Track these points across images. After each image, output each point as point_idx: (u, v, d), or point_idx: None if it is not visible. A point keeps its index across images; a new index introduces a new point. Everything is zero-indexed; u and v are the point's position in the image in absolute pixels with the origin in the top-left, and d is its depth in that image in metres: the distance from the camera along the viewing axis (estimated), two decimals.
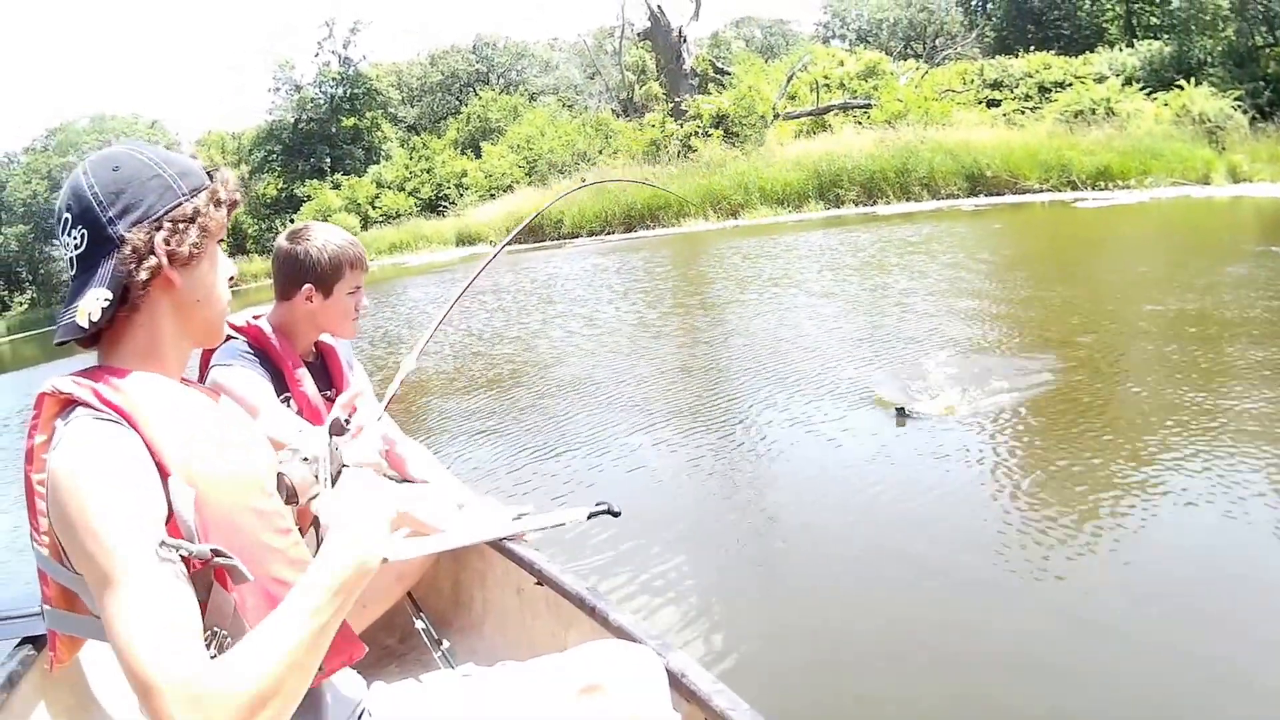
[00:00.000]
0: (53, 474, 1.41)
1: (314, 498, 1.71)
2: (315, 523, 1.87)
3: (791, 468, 5.88)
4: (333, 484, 1.75)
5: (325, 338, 3.17)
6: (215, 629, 1.46)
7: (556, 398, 8.71)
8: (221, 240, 1.69)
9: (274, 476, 1.68)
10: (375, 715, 1.86)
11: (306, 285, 2.95)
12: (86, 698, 2.88)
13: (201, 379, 2.68)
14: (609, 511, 2.46)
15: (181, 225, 1.55)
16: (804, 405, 7.17)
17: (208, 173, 1.65)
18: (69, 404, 1.51)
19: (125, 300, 1.52)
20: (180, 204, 1.57)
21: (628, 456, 6.57)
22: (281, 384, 2.93)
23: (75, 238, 1.53)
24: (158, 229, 1.53)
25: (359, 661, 1.71)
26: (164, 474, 1.44)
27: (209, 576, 1.46)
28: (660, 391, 8.32)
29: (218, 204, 1.63)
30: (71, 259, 1.56)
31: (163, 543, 1.36)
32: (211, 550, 1.40)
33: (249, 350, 2.90)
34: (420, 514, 2.40)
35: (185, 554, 1.38)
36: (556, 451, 7.08)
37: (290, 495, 1.67)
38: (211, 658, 1.34)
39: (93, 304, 1.48)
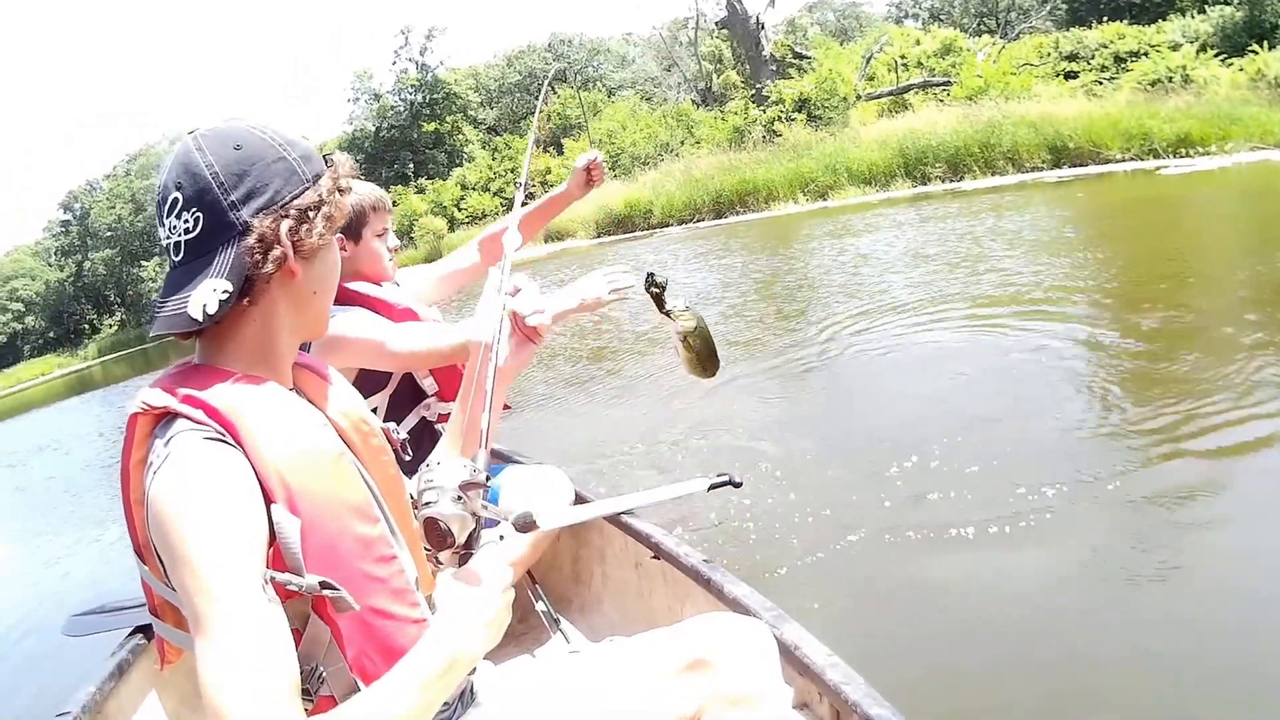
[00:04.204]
0: (153, 501, 1.34)
1: (471, 534, 1.59)
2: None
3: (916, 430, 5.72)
4: (474, 532, 1.60)
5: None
6: (312, 664, 1.43)
7: (650, 375, 8.99)
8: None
9: (371, 499, 1.57)
10: (481, 693, 1.83)
11: (336, 236, 3.20)
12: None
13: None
14: (731, 483, 2.48)
15: (309, 214, 1.48)
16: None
17: (324, 157, 1.57)
18: (164, 416, 1.42)
19: (244, 294, 1.44)
20: (305, 191, 1.49)
21: (746, 428, 6.62)
22: None
23: (187, 221, 1.43)
24: (284, 217, 1.45)
25: None
26: (268, 499, 1.37)
27: (305, 607, 1.42)
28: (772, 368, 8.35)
29: (340, 191, 1.55)
30: (179, 243, 1.44)
31: (270, 579, 1.31)
32: (320, 583, 1.35)
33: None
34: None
35: (295, 588, 1.34)
36: (667, 423, 7.29)
37: (445, 539, 1.55)
38: (305, 693, 1.37)
39: (209, 295, 1.38)
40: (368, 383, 3.05)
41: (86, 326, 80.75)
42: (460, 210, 45.20)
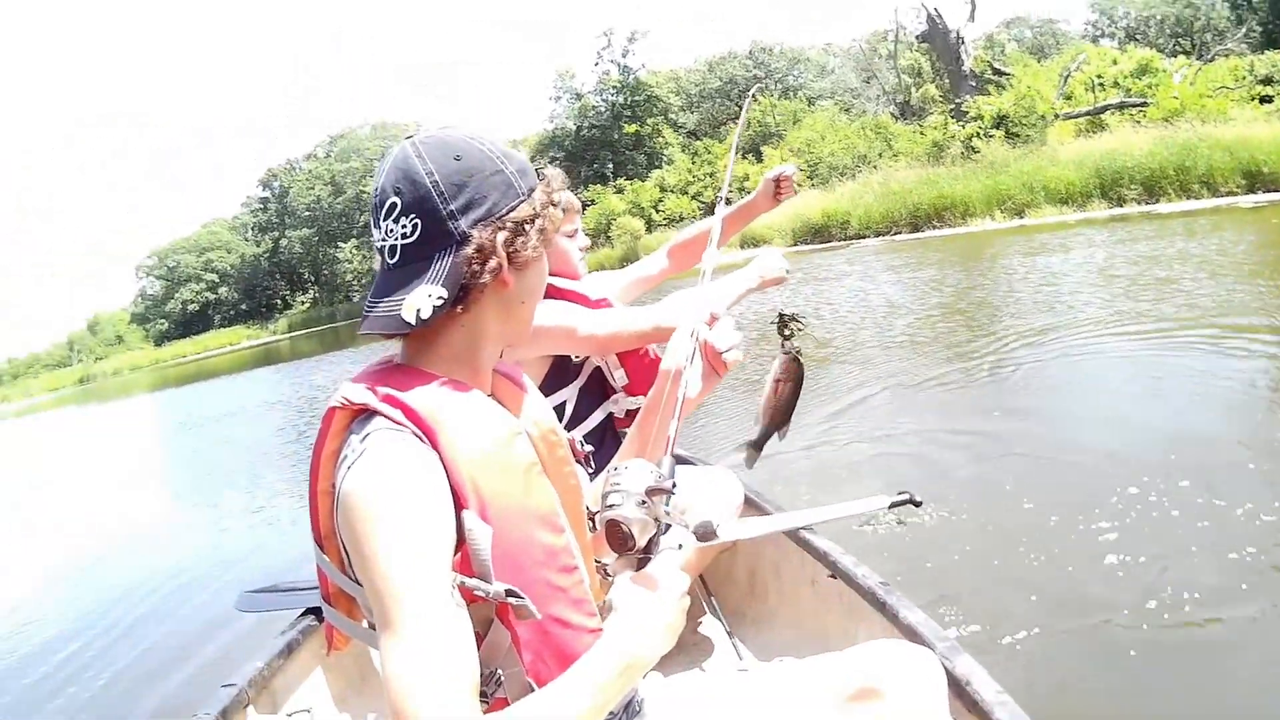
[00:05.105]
0: (345, 495, 1.36)
1: (651, 539, 1.59)
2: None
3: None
4: (653, 539, 1.60)
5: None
6: (491, 668, 1.46)
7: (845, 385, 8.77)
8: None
9: (558, 509, 1.59)
10: (647, 704, 1.81)
11: None
12: (367, 669, 3.08)
13: None
14: (911, 501, 2.13)
15: (524, 227, 1.51)
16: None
17: (536, 170, 1.59)
18: (362, 412, 1.46)
19: (457, 301, 1.47)
20: (521, 204, 1.51)
21: (928, 442, 6.52)
22: None
23: (405, 226, 1.46)
24: (500, 229, 1.48)
25: None
26: (460, 504, 1.40)
27: (489, 612, 1.46)
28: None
29: (553, 205, 1.57)
30: (395, 246, 1.48)
31: (460, 584, 1.35)
32: (506, 590, 1.38)
33: None
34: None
35: (481, 594, 1.37)
36: (846, 431, 7.18)
37: (626, 542, 1.57)
38: (482, 694, 1.39)
39: (424, 300, 1.42)
40: (558, 376, 3.13)
41: (279, 301, 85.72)
42: (658, 212, 46.63)
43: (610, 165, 56.65)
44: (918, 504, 2.01)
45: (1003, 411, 6.97)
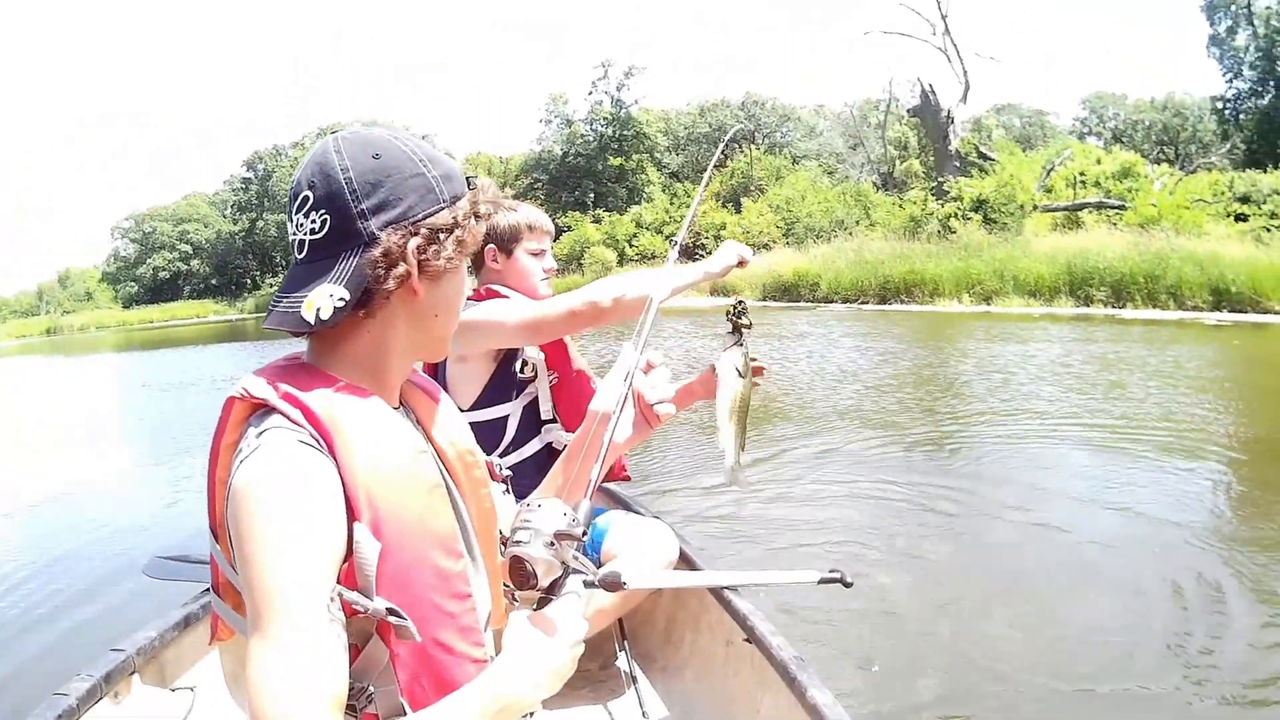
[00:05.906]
0: (235, 489, 1.31)
1: (555, 580, 1.53)
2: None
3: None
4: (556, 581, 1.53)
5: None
6: (364, 683, 1.38)
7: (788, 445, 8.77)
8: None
9: (458, 532, 1.52)
10: None
11: (489, 246, 3.15)
12: None
13: None
14: (841, 581, 2.16)
15: (440, 235, 1.43)
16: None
17: (467, 179, 1.52)
18: (262, 406, 1.39)
19: (361, 305, 1.40)
20: (440, 210, 1.44)
21: (864, 521, 6.41)
22: None
23: (314, 221, 1.40)
24: (413, 234, 1.40)
25: None
26: (353, 515, 1.33)
27: (370, 627, 1.38)
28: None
29: (477, 216, 1.50)
30: (303, 241, 1.42)
31: (338, 595, 1.29)
32: (387, 609, 1.32)
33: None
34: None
35: (360, 609, 1.31)
36: (783, 496, 7.10)
37: (528, 580, 1.50)
38: (350, 708, 1.34)
39: (324, 300, 1.35)
40: (501, 390, 3.16)
41: (249, 281, 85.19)
42: (631, 247, 46.87)
43: (591, 195, 56.99)
44: (848, 585, 2.01)
45: (938, 488, 7.06)
